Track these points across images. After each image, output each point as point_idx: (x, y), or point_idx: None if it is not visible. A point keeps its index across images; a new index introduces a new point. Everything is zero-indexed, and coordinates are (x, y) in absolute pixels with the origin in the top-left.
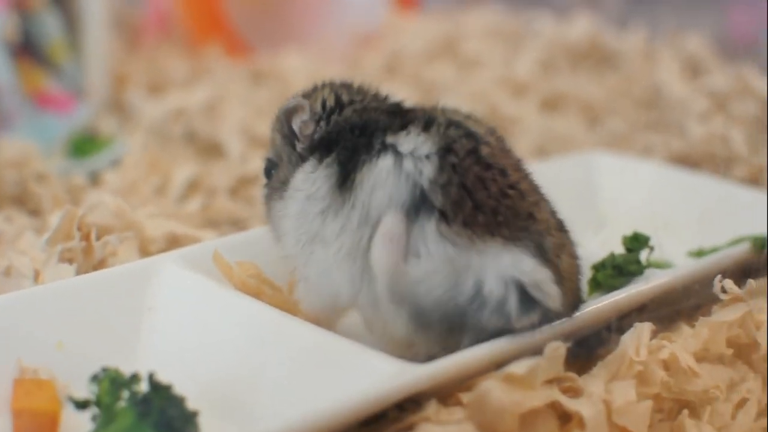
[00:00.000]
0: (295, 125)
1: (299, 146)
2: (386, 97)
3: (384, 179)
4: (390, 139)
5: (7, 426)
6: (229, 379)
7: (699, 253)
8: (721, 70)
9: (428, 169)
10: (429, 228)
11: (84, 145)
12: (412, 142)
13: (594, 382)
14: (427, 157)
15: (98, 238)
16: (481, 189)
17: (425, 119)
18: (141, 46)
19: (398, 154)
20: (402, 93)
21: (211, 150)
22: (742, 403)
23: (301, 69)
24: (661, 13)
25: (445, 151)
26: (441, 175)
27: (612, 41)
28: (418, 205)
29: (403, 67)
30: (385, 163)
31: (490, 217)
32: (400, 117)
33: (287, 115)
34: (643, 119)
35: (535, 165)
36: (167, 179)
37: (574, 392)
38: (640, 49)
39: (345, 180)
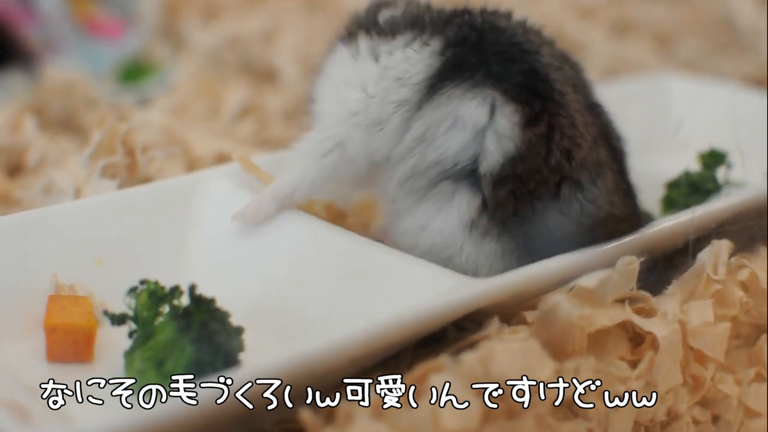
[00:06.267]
0: None
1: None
2: None
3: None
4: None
5: (42, 343)
6: (278, 296)
7: None
8: None
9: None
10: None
11: (134, 71)
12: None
13: (669, 302)
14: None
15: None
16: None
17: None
18: None
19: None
20: None
21: (265, 78)
22: None
23: None
24: None
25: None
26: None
27: None
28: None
29: None
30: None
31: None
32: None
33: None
34: (714, 45)
35: (605, 86)
36: (219, 103)
37: (648, 313)
38: None
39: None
